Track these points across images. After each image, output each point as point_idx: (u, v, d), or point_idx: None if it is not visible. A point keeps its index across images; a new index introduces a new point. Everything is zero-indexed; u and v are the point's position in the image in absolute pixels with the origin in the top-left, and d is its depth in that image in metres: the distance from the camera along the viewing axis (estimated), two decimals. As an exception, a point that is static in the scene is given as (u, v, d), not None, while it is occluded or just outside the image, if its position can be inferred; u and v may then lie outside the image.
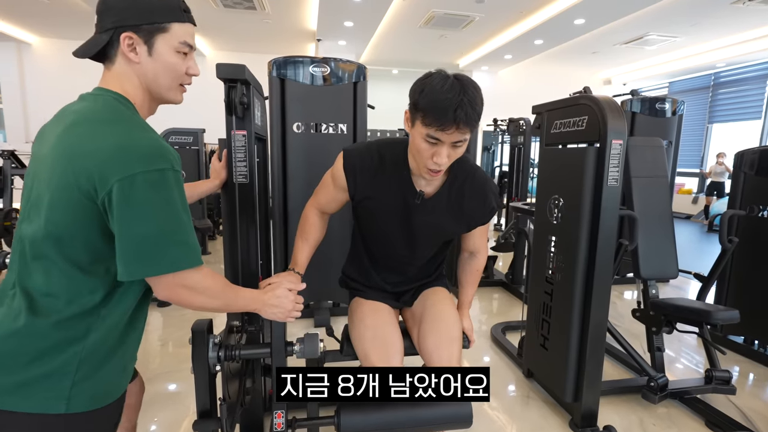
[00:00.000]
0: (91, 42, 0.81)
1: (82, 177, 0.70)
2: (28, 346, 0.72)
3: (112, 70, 0.82)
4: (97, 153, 0.70)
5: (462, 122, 0.97)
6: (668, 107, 3.83)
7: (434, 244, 1.33)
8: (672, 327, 2.11)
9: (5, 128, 8.15)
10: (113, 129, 0.74)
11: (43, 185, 0.74)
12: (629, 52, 8.32)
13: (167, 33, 0.81)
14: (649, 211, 2.16)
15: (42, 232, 0.73)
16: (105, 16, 0.80)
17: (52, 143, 0.75)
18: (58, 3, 6.10)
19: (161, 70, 0.83)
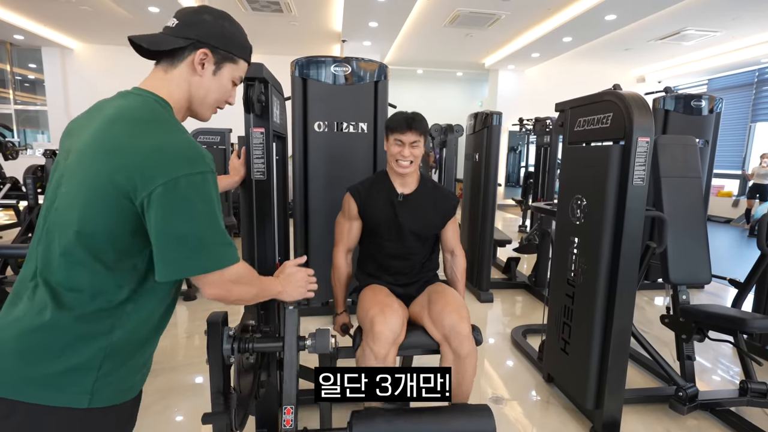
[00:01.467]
0: (161, 39, 0.84)
1: (120, 175, 0.70)
2: (54, 340, 0.72)
3: (169, 73, 0.85)
4: (138, 152, 0.71)
5: (412, 127, 1.52)
6: (705, 105, 3.65)
7: (420, 235, 1.63)
8: (703, 335, 2.00)
9: (49, 129, 8.63)
10: (153, 128, 0.75)
11: (76, 181, 0.74)
12: (665, 49, 7.98)
13: (235, 64, 0.91)
14: (679, 212, 2.07)
15: (73, 228, 0.73)
16: (191, 27, 0.85)
17: (87, 140, 0.75)
18: (99, 10, 6.41)
19: (215, 90, 0.90)
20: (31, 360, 0.72)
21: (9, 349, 0.72)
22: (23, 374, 0.72)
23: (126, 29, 7.34)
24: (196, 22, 0.85)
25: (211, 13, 0.87)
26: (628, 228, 1.64)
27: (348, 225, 1.67)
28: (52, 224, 0.76)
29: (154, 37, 0.84)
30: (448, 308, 1.45)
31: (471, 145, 3.80)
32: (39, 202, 3.86)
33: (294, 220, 2.83)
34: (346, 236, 1.67)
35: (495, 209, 3.53)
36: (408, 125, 1.51)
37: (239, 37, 0.91)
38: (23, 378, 0.71)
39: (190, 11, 0.87)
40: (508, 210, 9.35)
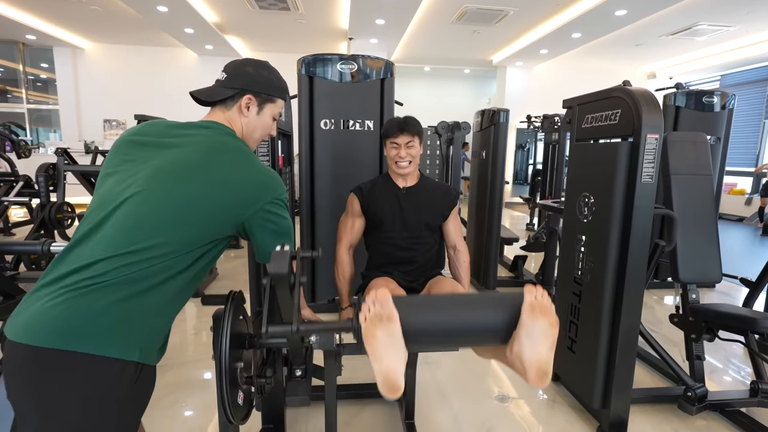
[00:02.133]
0: (215, 91, 1.06)
1: (237, 198, 0.94)
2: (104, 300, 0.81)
3: (225, 114, 1.06)
4: (254, 181, 0.97)
5: (406, 128, 1.61)
6: (717, 101, 3.59)
7: (425, 223, 1.67)
8: (713, 334, 1.98)
9: (61, 128, 8.76)
10: (255, 161, 1.01)
11: (181, 194, 0.89)
12: (676, 44, 7.85)
13: (274, 104, 1.12)
14: (689, 210, 2.04)
15: (166, 224, 0.87)
16: (238, 78, 1.06)
17: (198, 160, 0.93)
18: (109, 10, 6.48)
19: (259, 127, 1.11)
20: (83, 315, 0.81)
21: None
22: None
23: (135, 28, 7.41)
24: (241, 73, 1.07)
25: (252, 65, 1.09)
26: (637, 226, 1.62)
27: (351, 222, 1.72)
28: (129, 212, 0.86)
29: (210, 90, 1.07)
30: (445, 289, 1.51)
31: (478, 142, 3.78)
32: (51, 199, 3.92)
33: (300, 217, 2.85)
34: (349, 232, 1.72)
35: (502, 207, 3.51)
36: (400, 128, 1.61)
37: (276, 81, 1.11)
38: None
39: (236, 65, 1.08)
40: (515, 208, 9.29)
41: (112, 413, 0.82)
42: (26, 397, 0.79)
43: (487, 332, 1.04)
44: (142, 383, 0.85)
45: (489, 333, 1.04)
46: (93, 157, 5.23)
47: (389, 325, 0.94)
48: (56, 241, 1.59)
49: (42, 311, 0.78)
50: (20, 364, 0.78)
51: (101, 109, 8.70)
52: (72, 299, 0.78)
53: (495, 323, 1.01)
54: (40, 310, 0.78)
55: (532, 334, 0.95)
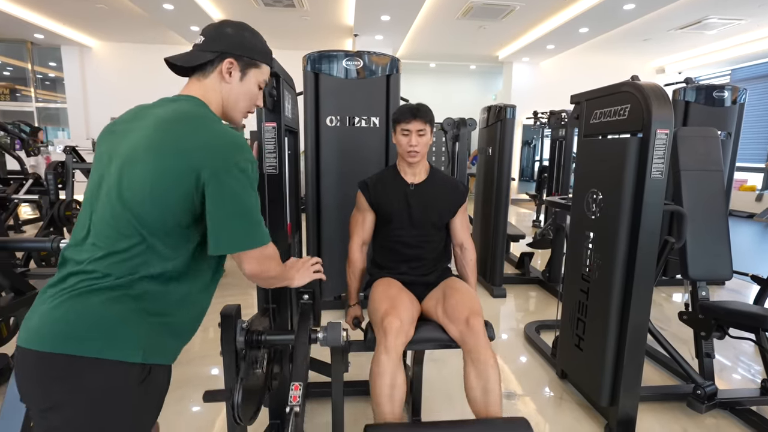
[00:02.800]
0: (192, 55, 0.95)
1: (191, 164, 0.81)
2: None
3: (202, 82, 0.96)
4: (201, 145, 0.83)
5: (419, 115, 1.56)
6: (727, 96, 3.53)
7: (433, 222, 1.65)
8: (723, 332, 1.95)
9: (69, 126, 8.83)
10: (208, 123, 0.88)
11: (141, 176, 0.82)
12: (686, 38, 7.74)
13: (258, 69, 1.00)
14: (700, 206, 2.01)
15: (136, 212, 0.81)
16: (217, 41, 0.95)
17: (147, 137, 0.84)
18: (115, 8, 6.51)
19: (243, 95, 0.99)
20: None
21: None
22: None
23: (141, 26, 7.44)
24: (220, 35, 0.96)
25: (231, 26, 0.98)
26: (646, 223, 1.60)
27: (361, 217, 1.70)
28: (114, 203, 0.83)
29: (186, 55, 0.96)
30: (461, 304, 1.45)
31: (484, 139, 3.76)
32: (60, 197, 3.96)
33: (306, 214, 2.85)
34: (360, 228, 1.70)
35: (508, 204, 3.49)
36: (413, 114, 1.56)
37: (259, 44, 1.00)
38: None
39: (213, 27, 0.98)
40: (522, 205, 9.24)
41: (122, 414, 0.81)
42: (38, 401, 0.80)
43: None
44: (151, 383, 0.84)
45: None
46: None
47: None
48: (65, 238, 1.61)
49: (46, 314, 0.79)
50: (30, 369, 0.79)
51: (108, 107, 8.75)
52: (70, 301, 0.79)
53: None
54: (45, 313, 0.80)
55: None
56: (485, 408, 1.34)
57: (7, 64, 9.05)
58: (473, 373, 1.37)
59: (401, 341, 1.37)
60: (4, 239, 1.53)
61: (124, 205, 0.82)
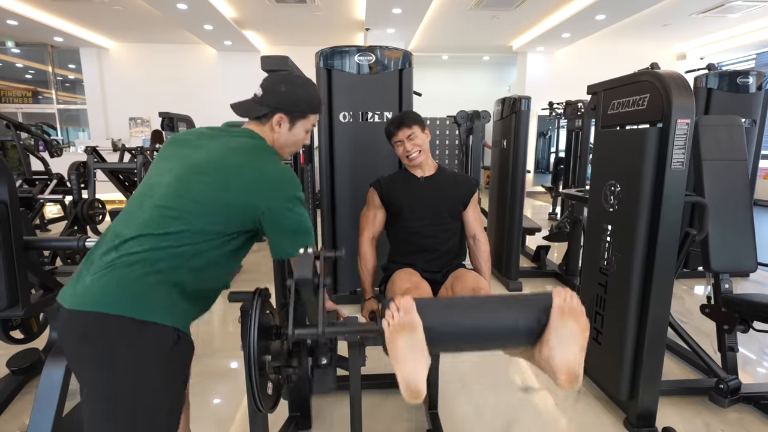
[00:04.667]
0: (251, 107, 1.13)
1: (250, 195, 0.99)
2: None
3: (261, 128, 1.13)
4: (264, 179, 1.01)
5: (403, 123, 1.65)
6: (752, 82, 3.41)
7: (446, 210, 1.67)
8: (747, 325, 1.91)
9: (89, 126, 9.06)
10: (270, 161, 1.06)
11: (203, 188, 0.98)
12: (708, 23, 7.48)
13: (306, 119, 1.16)
14: (722, 197, 1.96)
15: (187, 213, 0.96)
16: (270, 96, 1.12)
17: (217, 159, 1.01)
18: (131, 10, 6.62)
19: (291, 142, 1.16)
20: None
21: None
22: None
23: (156, 27, 7.56)
24: (275, 92, 1.12)
25: (287, 83, 1.13)
26: (666, 215, 1.57)
27: (372, 213, 1.74)
28: (172, 203, 0.97)
29: (245, 105, 1.13)
30: (466, 285, 1.48)
31: (498, 131, 3.72)
32: (83, 196, 4.08)
33: (321, 209, 2.87)
34: (371, 223, 1.74)
35: (524, 197, 3.46)
36: (396, 126, 1.66)
37: (308, 97, 1.15)
38: None
39: (271, 82, 1.13)
40: (537, 197, 9.13)
41: (157, 369, 0.92)
42: (83, 357, 0.91)
43: (514, 335, 1.03)
44: (181, 347, 0.96)
45: (516, 336, 1.02)
46: (120, 154, 5.40)
47: (412, 334, 0.95)
48: (90, 236, 1.66)
49: (92, 282, 0.91)
50: (73, 327, 0.90)
51: (127, 108, 8.95)
52: (113, 272, 0.91)
53: (522, 326, 1.00)
54: (90, 281, 0.91)
55: (562, 338, 0.95)
56: None
57: (30, 68, 9.32)
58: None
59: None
60: (34, 238, 1.58)
61: (177, 206, 0.96)
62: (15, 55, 9.17)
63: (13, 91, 9.14)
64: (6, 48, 8.75)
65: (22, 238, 1.45)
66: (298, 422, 1.73)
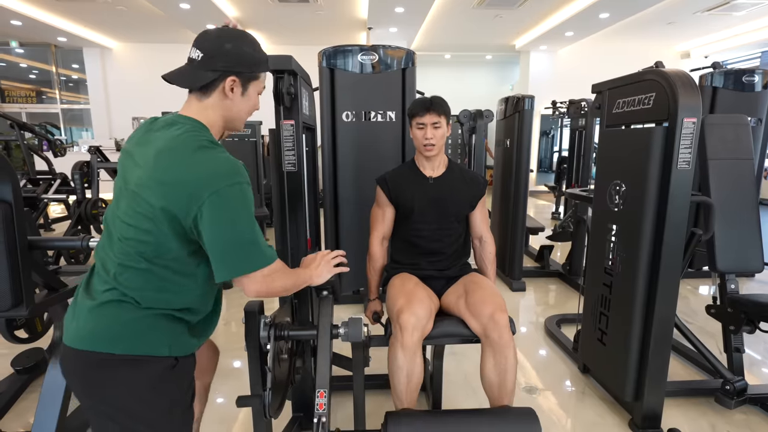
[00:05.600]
0: (193, 75, 0.94)
1: (177, 200, 0.84)
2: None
3: (203, 102, 0.95)
4: (186, 182, 0.84)
5: (432, 108, 1.55)
6: (758, 80, 3.38)
7: (453, 214, 1.64)
8: (754, 326, 1.89)
9: (92, 126, 9.09)
10: (196, 157, 0.86)
11: (136, 205, 0.87)
12: (712, 21, 7.43)
13: (258, 80, 1.01)
14: (728, 197, 1.94)
15: (133, 234, 0.87)
16: (217, 59, 0.93)
17: (143, 170, 0.87)
18: (134, 9, 6.63)
19: (245, 107, 1.01)
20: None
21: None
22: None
23: (159, 26, 7.57)
24: (220, 52, 0.93)
25: (230, 39, 0.94)
26: (672, 215, 1.56)
27: (381, 212, 1.70)
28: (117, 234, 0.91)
29: (185, 74, 0.94)
30: (486, 300, 1.43)
31: (502, 130, 3.71)
32: (87, 196, 4.09)
33: (324, 209, 2.87)
34: (381, 222, 1.70)
35: (527, 196, 3.44)
36: (426, 108, 1.56)
37: (257, 54, 0.99)
38: None
39: (210, 41, 0.94)
40: (540, 197, 9.10)
41: (161, 394, 0.91)
42: (86, 392, 0.90)
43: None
44: (180, 368, 0.94)
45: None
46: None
47: None
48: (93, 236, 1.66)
49: (86, 319, 0.89)
50: (73, 364, 0.90)
51: (130, 107, 8.97)
52: (103, 309, 0.88)
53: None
54: (84, 317, 0.89)
55: None
56: (499, 398, 1.40)
57: (33, 68, 9.35)
58: (491, 362, 1.40)
59: (417, 337, 1.38)
60: (38, 238, 1.58)
61: (131, 231, 0.88)
62: (19, 55, 9.21)
63: (17, 91, 9.19)
64: (10, 48, 8.79)
65: (26, 238, 1.45)
66: (302, 422, 1.73)
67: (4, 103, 9.02)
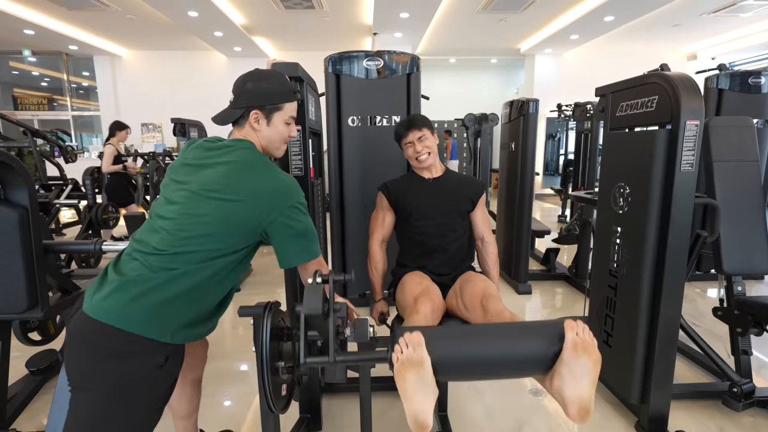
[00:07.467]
0: (228, 113, 1.15)
1: (253, 211, 1.02)
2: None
3: (242, 130, 1.16)
4: (264, 193, 1.04)
5: (412, 125, 1.66)
6: (764, 82, 3.36)
7: (454, 211, 1.69)
8: (761, 328, 1.89)
9: (102, 132, 9.22)
10: (267, 173, 1.07)
11: (209, 208, 1.02)
12: (719, 22, 7.39)
13: (282, 110, 1.15)
14: (734, 198, 1.94)
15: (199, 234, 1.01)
16: (241, 98, 1.13)
17: (212, 178, 1.04)
18: (143, 18, 6.75)
19: (274, 135, 1.17)
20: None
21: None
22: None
23: (168, 34, 7.69)
24: (243, 92, 1.13)
25: (251, 79, 1.13)
26: (676, 216, 1.56)
27: (381, 215, 1.75)
28: (173, 226, 1.03)
29: (223, 114, 1.15)
30: (476, 291, 1.46)
31: (507, 134, 3.72)
32: (97, 201, 4.16)
33: (330, 213, 2.90)
34: (380, 226, 1.75)
35: (532, 199, 3.45)
36: (407, 127, 1.67)
37: (278, 87, 1.15)
38: None
39: (238, 83, 1.15)
40: (547, 200, 9.07)
41: (151, 378, 0.99)
42: (81, 358, 0.98)
43: (525, 366, 1.03)
44: (174, 357, 1.04)
45: (527, 366, 1.03)
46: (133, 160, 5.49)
47: (420, 370, 0.96)
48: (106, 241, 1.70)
49: (107, 294, 0.98)
50: (81, 331, 0.99)
51: (139, 114, 9.10)
52: (124, 289, 0.98)
53: (533, 356, 1.00)
54: (106, 292, 0.98)
55: (574, 372, 0.95)
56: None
57: (45, 76, 9.53)
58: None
59: (432, 319, 1.40)
60: (52, 242, 1.63)
61: (186, 229, 1.01)
62: (31, 63, 9.39)
63: (30, 98, 9.36)
64: (23, 57, 8.97)
65: (41, 242, 1.49)
66: (309, 423, 1.75)
67: (17, 110, 9.20)
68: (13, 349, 1.71)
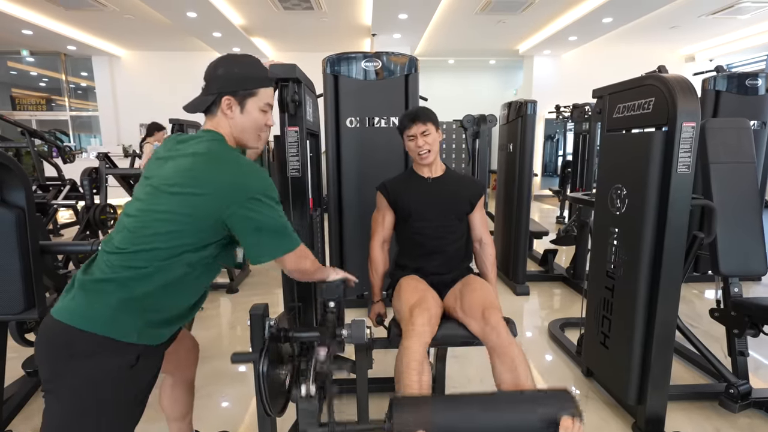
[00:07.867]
0: (199, 101, 1.09)
1: (213, 204, 0.97)
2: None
3: (213, 120, 1.09)
4: (223, 185, 0.97)
5: (418, 118, 1.62)
6: (761, 83, 3.38)
7: (452, 213, 1.67)
8: (758, 330, 1.89)
9: (101, 133, 9.21)
10: (228, 165, 1.01)
11: (168, 205, 0.98)
12: (717, 24, 7.41)
13: (256, 96, 1.08)
14: (731, 200, 1.95)
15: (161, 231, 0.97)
16: (212, 83, 1.07)
17: (172, 172, 1.00)
18: (142, 18, 6.75)
19: (247, 123, 1.09)
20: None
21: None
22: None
23: (166, 35, 7.68)
24: (214, 78, 1.07)
25: (222, 65, 1.08)
26: (672, 218, 1.57)
27: (381, 216, 1.74)
28: (136, 225, 1.00)
29: (194, 102, 1.09)
30: (478, 300, 1.45)
31: (505, 135, 3.73)
32: (95, 201, 4.15)
33: (328, 214, 2.90)
34: (381, 226, 1.74)
35: (530, 200, 3.45)
36: (412, 119, 1.63)
37: (251, 71, 1.09)
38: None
39: (208, 70, 1.09)
40: (545, 201, 9.08)
41: (121, 378, 0.97)
42: (48, 364, 0.96)
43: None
44: (147, 358, 1.01)
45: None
46: (131, 160, 5.48)
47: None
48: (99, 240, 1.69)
49: (72, 296, 0.97)
50: (46, 333, 0.97)
51: (137, 114, 9.08)
52: (87, 289, 0.96)
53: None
54: (72, 294, 0.97)
55: None
56: None
57: (43, 76, 9.51)
58: (502, 369, 1.34)
59: (429, 330, 1.39)
60: (49, 243, 1.63)
61: (148, 225, 0.97)
62: (30, 63, 9.37)
63: (28, 98, 9.34)
64: (21, 57, 8.95)
65: (38, 243, 1.49)
66: (306, 425, 1.74)
67: (15, 110, 9.18)
68: (10, 350, 1.71)
